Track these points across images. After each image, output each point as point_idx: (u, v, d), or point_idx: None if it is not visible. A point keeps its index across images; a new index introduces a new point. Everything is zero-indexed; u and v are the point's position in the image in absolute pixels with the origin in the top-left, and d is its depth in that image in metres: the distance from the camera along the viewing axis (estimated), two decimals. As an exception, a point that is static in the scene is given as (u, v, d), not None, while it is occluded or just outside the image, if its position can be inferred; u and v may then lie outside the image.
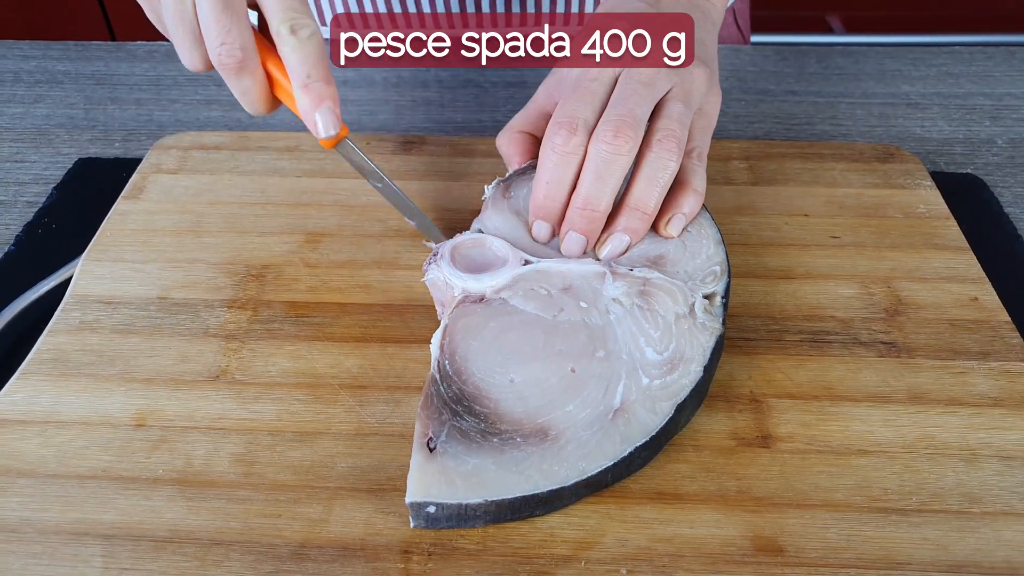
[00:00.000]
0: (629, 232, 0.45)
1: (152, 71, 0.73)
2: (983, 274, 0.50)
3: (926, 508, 0.38)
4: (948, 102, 0.69)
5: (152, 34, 0.41)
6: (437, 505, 0.36)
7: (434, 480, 0.36)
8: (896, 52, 0.75)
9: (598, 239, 0.45)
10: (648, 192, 0.44)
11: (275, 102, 0.46)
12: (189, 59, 0.45)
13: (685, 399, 0.39)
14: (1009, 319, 0.47)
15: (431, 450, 0.37)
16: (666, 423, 0.39)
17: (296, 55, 0.43)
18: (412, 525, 0.37)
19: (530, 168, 0.49)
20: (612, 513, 0.38)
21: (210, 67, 0.45)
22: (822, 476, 0.39)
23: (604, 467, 0.37)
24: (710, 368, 0.41)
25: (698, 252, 0.46)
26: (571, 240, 0.45)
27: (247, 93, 0.45)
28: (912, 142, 0.64)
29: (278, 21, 0.42)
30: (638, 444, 0.38)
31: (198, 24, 0.43)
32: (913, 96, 0.69)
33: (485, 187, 0.49)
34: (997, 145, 0.64)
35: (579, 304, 0.43)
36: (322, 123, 0.44)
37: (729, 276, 0.45)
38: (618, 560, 0.36)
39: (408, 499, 0.36)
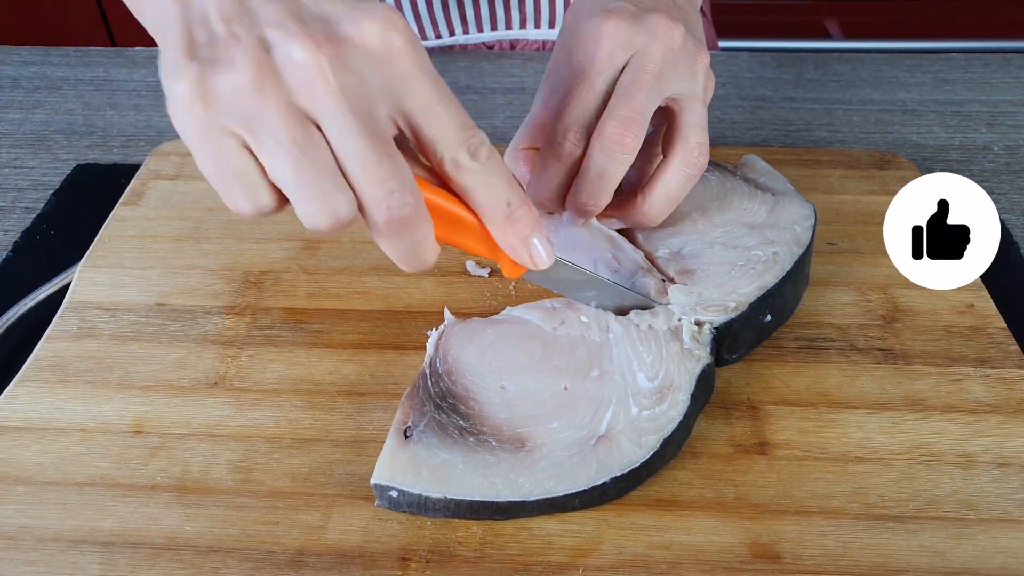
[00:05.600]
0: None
1: (151, 77, 0.73)
2: (979, 281, 0.50)
3: (923, 515, 0.38)
4: (944, 109, 0.69)
5: (152, 40, 0.39)
6: (399, 491, 0.37)
7: (401, 466, 0.37)
8: (893, 59, 0.75)
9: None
10: (663, 208, 0.43)
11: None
12: (328, 212, 0.33)
13: (672, 433, 0.39)
14: (1005, 326, 0.47)
15: (406, 437, 0.38)
16: (650, 457, 0.38)
17: (485, 184, 0.35)
18: (376, 504, 0.38)
19: None
20: (610, 520, 0.38)
21: (351, 219, 0.33)
22: (819, 483, 0.39)
23: (572, 492, 0.37)
24: (697, 398, 0.40)
25: (729, 284, 0.44)
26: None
27: (417, 248, 0.35)
28: (908, 148, 0.65)
29: (453, 145, 0.34)
30: (616, 475, 0.37)
31: (338, 167, 0.33)
32: (910, 103, 0.70)
33: None
34: (993, 152, 0.64)
35: (580, 319, 0.43)
36: (537, 255, 0.37)
37: (742, 319, 0.43)
38: (616, 567, 0.36)
39: (373, 480, 0.37)
